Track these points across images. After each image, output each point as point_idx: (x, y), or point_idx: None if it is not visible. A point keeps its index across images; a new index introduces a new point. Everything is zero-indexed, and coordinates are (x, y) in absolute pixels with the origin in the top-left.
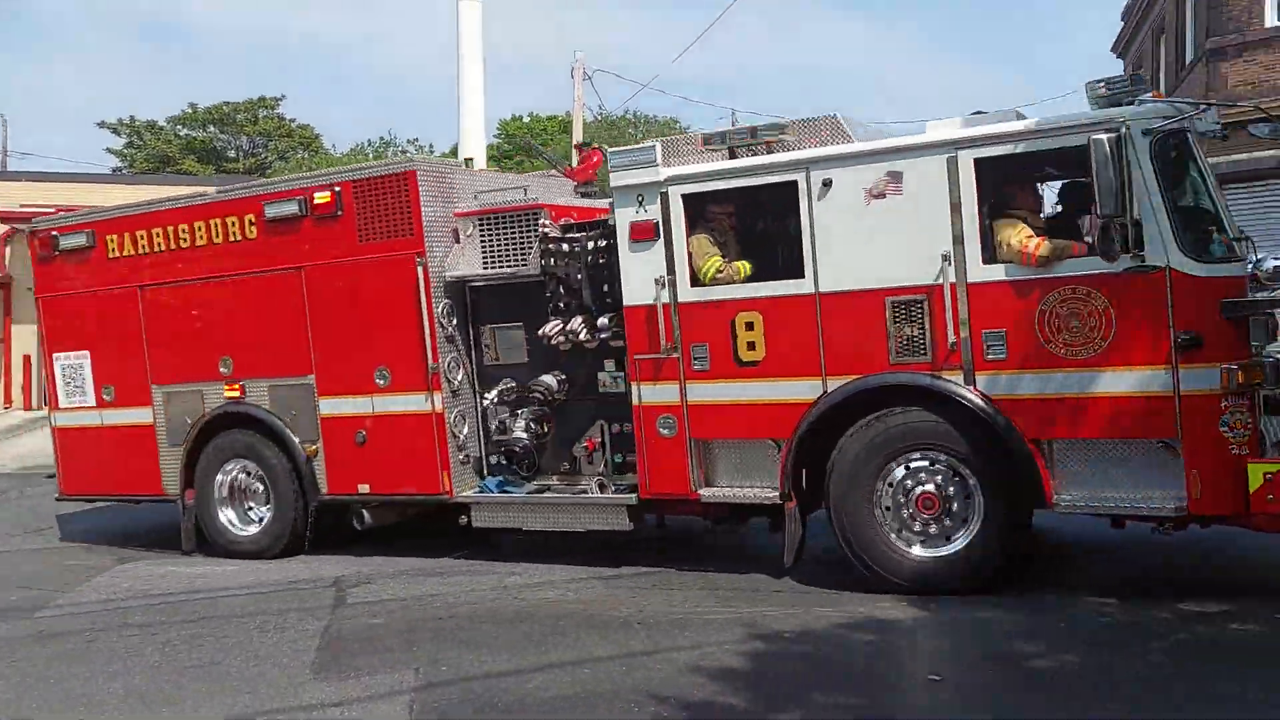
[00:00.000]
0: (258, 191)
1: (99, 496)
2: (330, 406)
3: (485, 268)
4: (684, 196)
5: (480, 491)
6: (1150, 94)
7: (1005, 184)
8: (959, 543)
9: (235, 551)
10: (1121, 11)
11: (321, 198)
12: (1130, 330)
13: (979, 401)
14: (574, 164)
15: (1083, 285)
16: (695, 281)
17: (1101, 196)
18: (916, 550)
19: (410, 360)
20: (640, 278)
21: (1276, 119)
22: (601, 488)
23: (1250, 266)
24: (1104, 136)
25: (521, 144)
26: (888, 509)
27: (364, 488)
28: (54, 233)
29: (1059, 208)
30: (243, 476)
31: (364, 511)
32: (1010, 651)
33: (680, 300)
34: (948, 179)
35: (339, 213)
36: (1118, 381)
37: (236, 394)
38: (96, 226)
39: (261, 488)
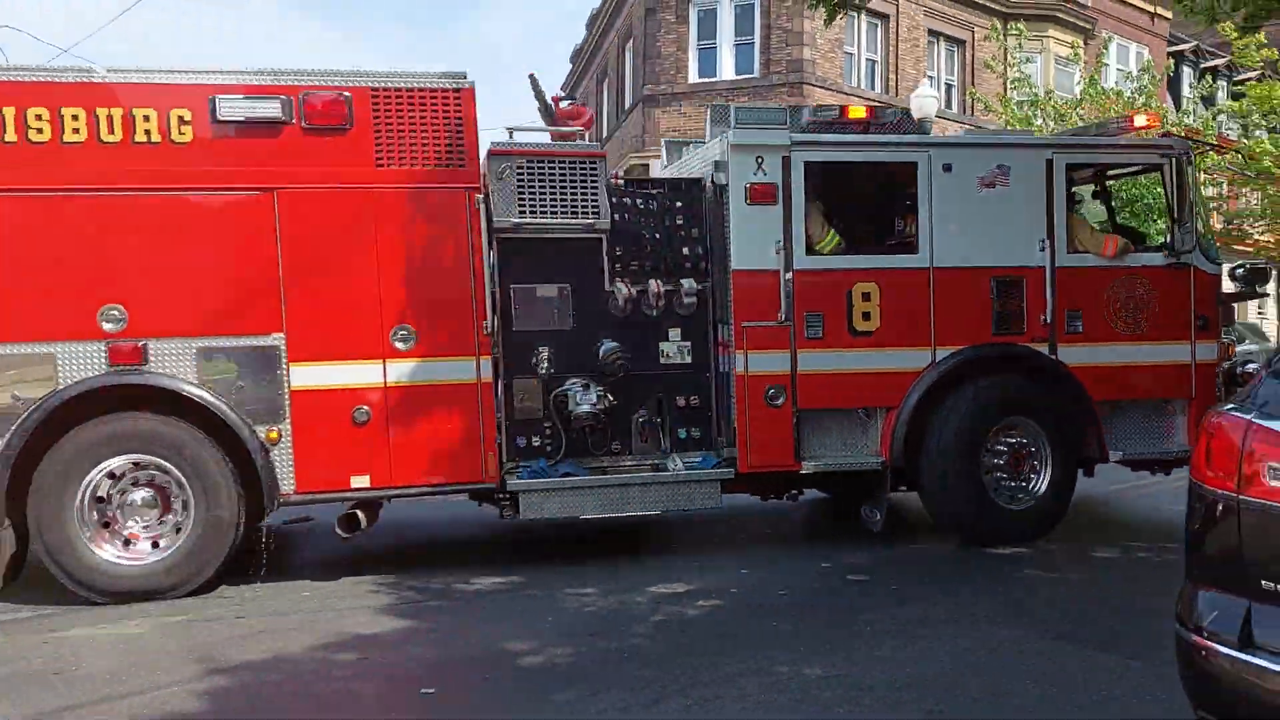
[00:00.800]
0: (202, 80)
1: None
2: (310, 376)
3: (521, 216)
4: (806, 163)
5: (531, 475)
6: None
7: (1075, 186)
8: (1031, 498)
9: (115, 590)
10: (570, 54)
11: (323, 102)
12: (1165, 313)
13: (1069, 370)
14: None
15: (1139, 275)
16: (810, 249)
17: (1181, 204)
18: (1005, 505)
19: (450, 318)
20: (753, 241)
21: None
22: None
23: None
24: (1184, 156)
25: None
26: (988, 470)
27: (361, 481)
28: None
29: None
30: (117, 483)
31: (359, 513)
32: (503, 652)
33: (796, 268)
34: (1046, 176)
35: (347, 126)
36: (1157, 353)
37: (132, 359)
38: None
39: (147, 496)
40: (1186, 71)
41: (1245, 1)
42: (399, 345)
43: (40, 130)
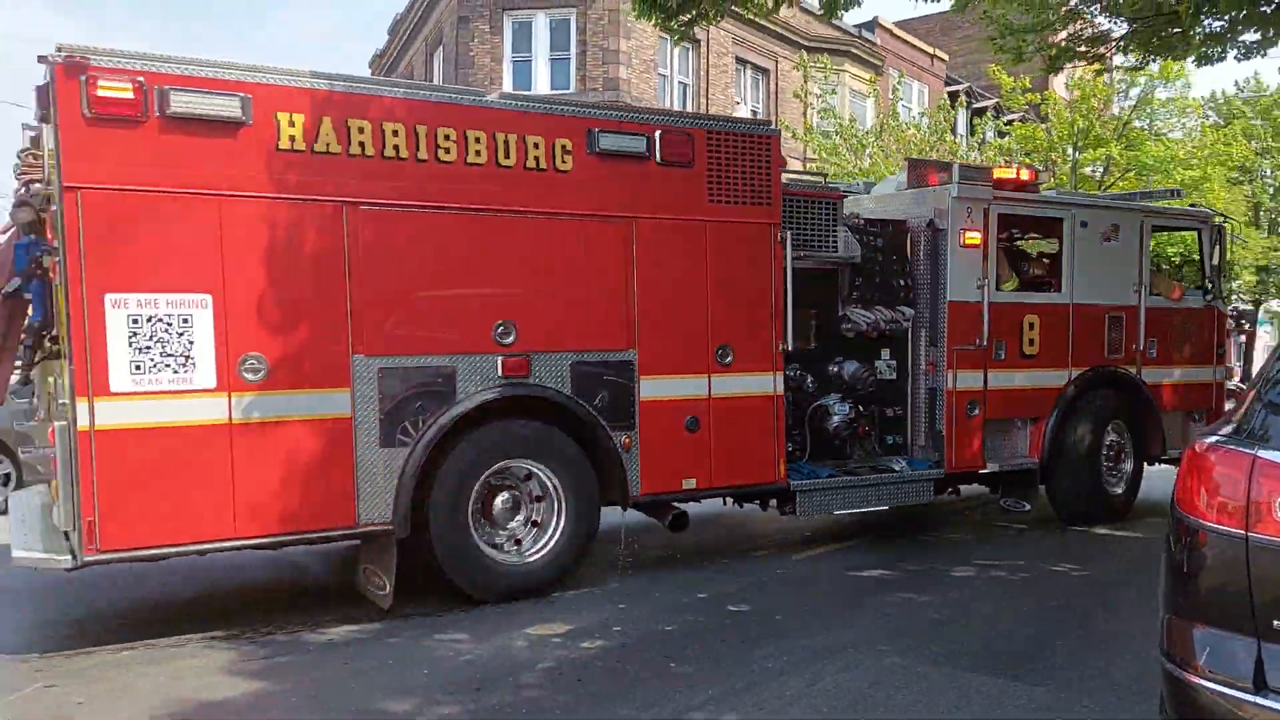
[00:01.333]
0: (583, 114)
1: (186, 546)
2: (654, 388)
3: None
4: (999, 214)
5: (801, 477)
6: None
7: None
8: (1121, 486)
9: (501, 589)
10: (369, 60)
11: (676, 141)
12: (1201, 344)
13: (1148, 386)
14: None
15: (1190, 314)
16: (997, 286)
17: (1224, 260)
18: (1115, 493)
19: (756, 338)
20: (962, 278)
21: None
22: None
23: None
24: (1219, 224)
25: None
26: (1103, 463)
27: (690, 482)
28: (144, 80)
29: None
30: (504, 486)
31: (684, 510)
32: (383, 715)
33: (990, 300)
34: (1140, 234)
35: (691, 163)
36: (1194, 375)
37: (519, 371)
38: (259, 92)
39: (527, 498)
40: (960, 111)
41: (1047, 46)
42: (720, 361)
43: (448, 150)
